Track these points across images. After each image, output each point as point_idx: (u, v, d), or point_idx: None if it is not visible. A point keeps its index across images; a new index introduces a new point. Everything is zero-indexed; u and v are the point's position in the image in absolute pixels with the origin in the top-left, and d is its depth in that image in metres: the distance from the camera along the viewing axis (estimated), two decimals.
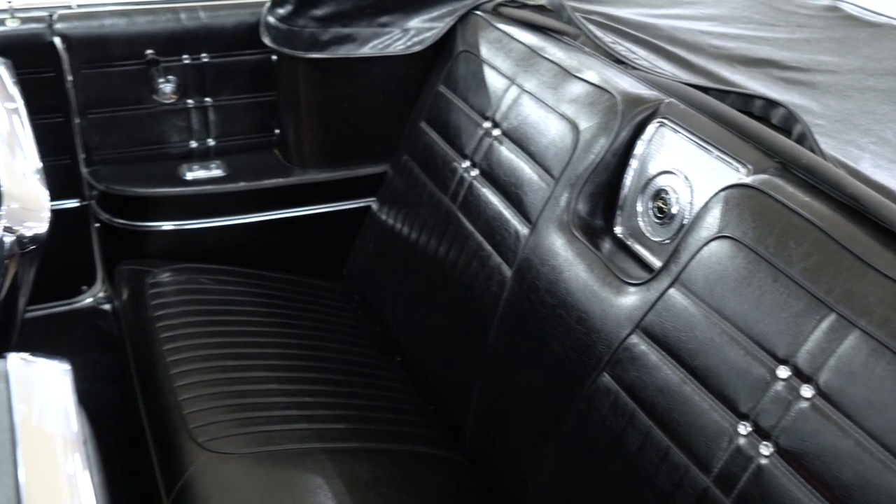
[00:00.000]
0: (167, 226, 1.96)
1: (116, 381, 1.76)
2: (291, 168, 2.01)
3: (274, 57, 1.94)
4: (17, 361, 0.81)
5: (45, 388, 0.80)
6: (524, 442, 1.44)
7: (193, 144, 2.00)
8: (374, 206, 1.98)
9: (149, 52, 1.84)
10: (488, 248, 1.57)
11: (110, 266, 2.07)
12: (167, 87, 1.88)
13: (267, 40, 1.88)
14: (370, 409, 1.60)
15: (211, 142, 2.01)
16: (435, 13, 1.90)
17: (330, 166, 2.01)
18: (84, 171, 1.93)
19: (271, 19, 1.87)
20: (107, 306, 2.13)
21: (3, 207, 1.10)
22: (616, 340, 1.27)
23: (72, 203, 1.95)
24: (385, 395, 1.68)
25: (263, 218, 1.98)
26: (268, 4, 1.89)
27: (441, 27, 1.88)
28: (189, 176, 1.94)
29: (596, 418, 1.28)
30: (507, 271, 1.51)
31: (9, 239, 1.11)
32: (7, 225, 1.10)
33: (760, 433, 1.07)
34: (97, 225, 2.00)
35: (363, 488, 1.38)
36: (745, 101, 1.42)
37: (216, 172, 1.96)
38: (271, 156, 2.05)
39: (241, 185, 1.94)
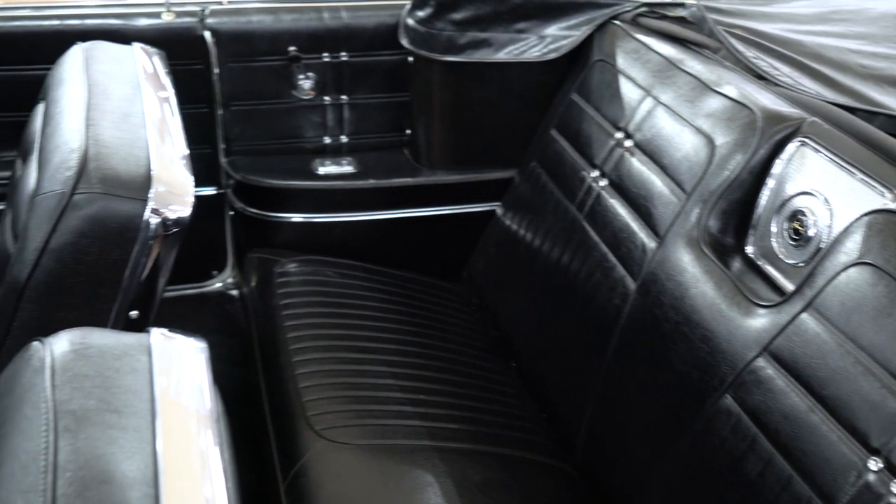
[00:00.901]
0: (297, 217, 2.02)
1: (239, 364, 1.82)
2: (420, 168, 2.04)
3: (410, 58, 1.97)
4: (158, 336, 0.85)
5: (183, 364, 0.83)
6: (638, 458, 1.41)
7: (327, 140, 2.05)
8: (499, 211, 1.99)
9: (291, 48, 1.90)
10: (613, 259, 1.55)
11: (240, 253, 2.14)
12: (306, 83, 1.94)
13: (405, 42, 1.91)
14: (483, 412, 1.61)
15: (344, 138, 2.06)
16: (572, 21, 1.89)
17: (458, 169, 2.03)
18: (223, 160, 2.01)
19: (410, 21, 1.91)
20: (234, 292, 2.21)
21: (151, 190, 1.16)
22: (741, 362, 1.24)
23: (209, 191, 2.03)
24: (498, 400, 1.68)
25: (389, 216, 2.02)
26: (408, 7, 1.93)
27: (578, 35, 1.87)
28: (321, 170, 1.99)
29: (715, 440, 1.25)
30: (632, 284, 1.49)
31: (154, 221, 1.16)
32: (154, 207, 1.15)
33: (893, 471, 1.02)
34: (231, 213, 2.08)
35: (472, 490, 1.39)
36: (894, 124, 1.36)
37: (347, 169, 2.01)
38: (401, 155, 2.09)
39: (371, 182, 1.98)
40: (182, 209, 1.19)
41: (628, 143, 1.62)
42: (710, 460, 1.25)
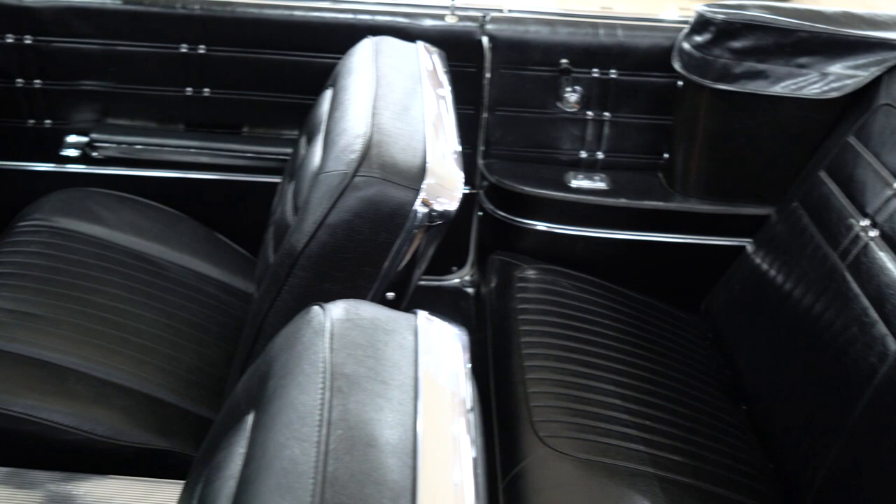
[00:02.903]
0: (542, 226, 2.04)
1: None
2: (673, 194, 2.01)
3: (680, 82, 1.95)
4: (424, 318, 0.90)
5: (443, 348, 0.87)
6: None
7: (583, 154, 2.07)
8: (749, 248, 1.92)
9: (563, 61, 1.94)
10: (874, 315, 1.46)
11: (481, 253, 2.21)
12: (572, 96, 1.97)
13: (677, 65, 1.89)
14: (708, 450, 1.56)
15: (600, 155, 2.07)
16: (860, 61, 1.79)
17: (712, 199, 1.98)
18: (480, 162, 2.08)
19: (686, 45, 1.88)
20: (470, 289, 2.28)
21: (424, 182, 1.22)
22: None
23: (464, 190, 2.10)
24: (724, 440, 1.63)
25: (634, 237, 2.01)
26: (685, 30, 1.90)
27: (864, 76, 1.77)
28: (573, 183, 2.01)
29: None
30: (893, 345, 1.39)
31: (422, 211, 1.22)
32: (425, 198, 1.21)
33: None
34: (480, 213, 2.14)
35: None
36: None
37: (599, 185, 2.02)
38: (655, 178, 2.07)
39: (622, 201, 1.98)
40: (449, 203, 1.24)
41: None
42: None
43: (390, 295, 1.29)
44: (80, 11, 1.91)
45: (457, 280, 2.29)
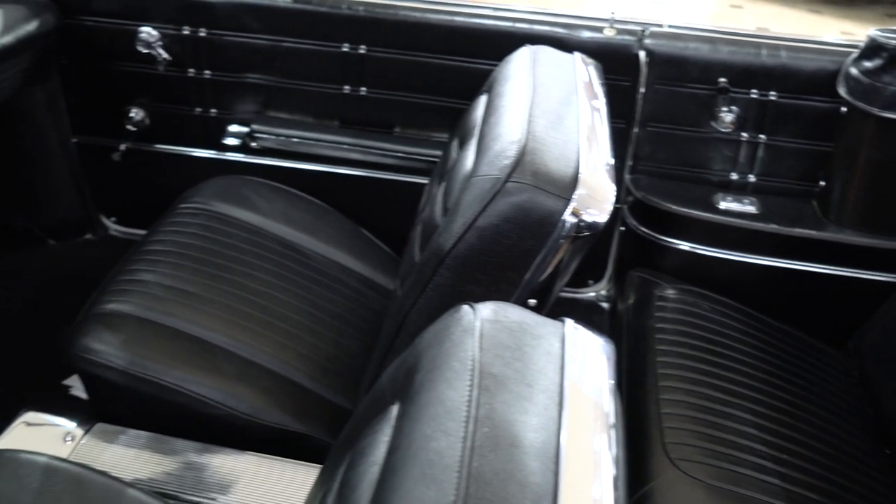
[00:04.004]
0: (685, 246, 2.01)
1: None
2: (826, 223, 1.93)
3: (843, 108, 1.88)
4: (571, 327, 0.90)
5: (589, 359, 0.87)
6: None
7: (734, 176, 2.02)
8: None
9: (722, 80, 1.90)
10: None
11: (620, 268, 2.18)
12: (728, 116, 1.92)
13: (843, 91, 1.83)
14: (849, 492, 1.50)
15: (752, 178, 2.01)
16: None
17: (869, 231, 1.90)
18: (627, 176, 2.06)
19: (854, 70, 1.81)
20: (605, 304, 2.26)
21: (576, 192, 1.22)
22: None
23: None
24: (866, 484, 1.56)
25: (782, 265, 1.94)
26: (854, 55, 1.83)
27: None
28: (722, 205, 1.97)
29: None
30: None
31: (571, 221, 1.22)
32: (575, 208, 1.21)
33: None
34: (622, 228, 2.12)
35: None
36: None
37: (749, 208, 1.96)
38: (808, 206, 2.00)
39: (772, 227, 1.92)
40: (599, 215, 1.23)
41: None
42: None
43: (532, 302, 1.29)
44: (252, 8, 2.01)
45: (592, 294, 2.27)
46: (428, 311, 1.31)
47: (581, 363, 0.86)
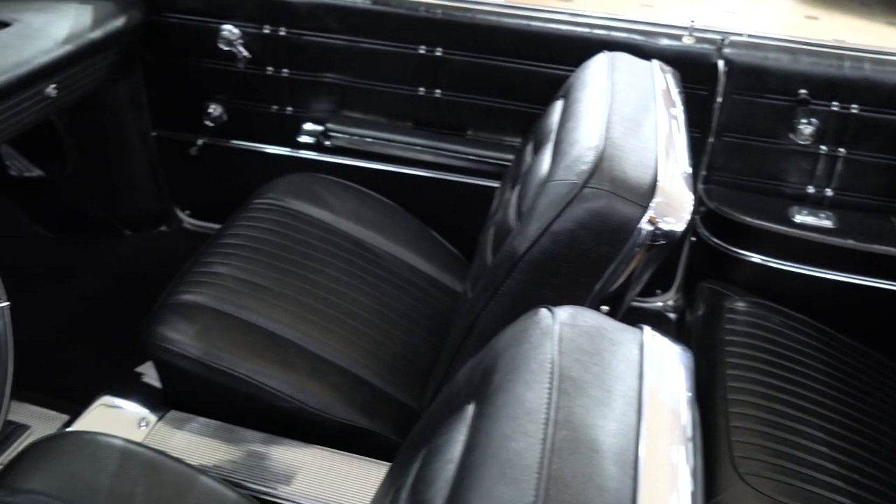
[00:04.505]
0: (757, 258, 1.98)
1: None
2: None
3: None
4: (649, 333, 0.90)
5: (667, 368, 0.87)
6: None
7: (810, 190, 1.98)
8: None
9: (802, 91, 1.86)
10: None
11: (689, 279, 2.16)
12: (807, 128, 1.89)
13: None
14: None
15: (829, 192, 1.97)
16: None
17: None
18: (699, 186, 2.03)
19: None
20: (672, 315, 2.23)
21: (653, 200, 1.21)
22: None
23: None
24: None
25: (859, 282, 1.90)
26: None
27: None
28: (797, 218, 1.93)
29: None
30: None
31: (647, 229, 1.21)
32: (652, 216, 1.21)
33: None
34: (693, 239, 2.10)
35: None
36: None
37: (825, 223, 1.93)
38: (887, 222, 1.95)
39: (849, 242, 1.88)
40: (676, 224, 1.22)
41: None
42: None
43: (605, 309, 1.29)
44: (332, 8, 2.04)
45: (660, 303, 2.25)
46: (499, 314, 1.32)
47: (659, 371, 0.85)
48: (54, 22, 1.85)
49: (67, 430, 1.65)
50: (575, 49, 1.89)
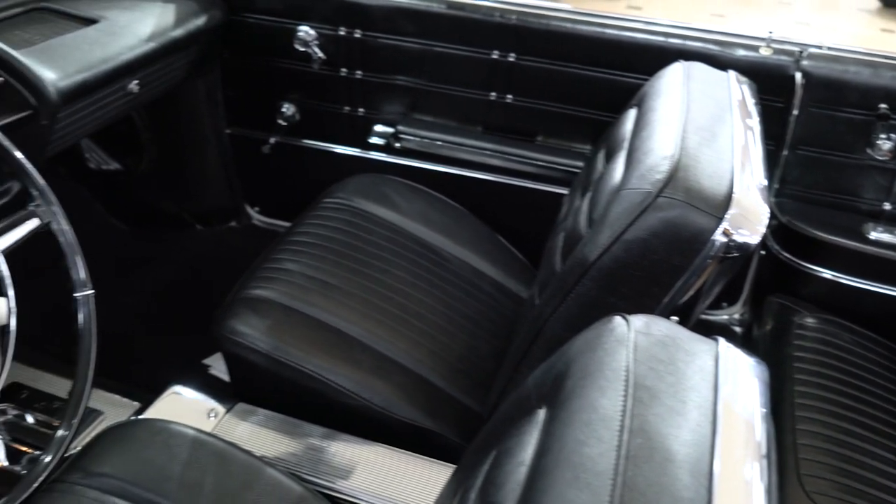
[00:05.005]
0: (828, 274, 1.94)
1: None
2: None
3: None
4: (724, 345, 0.89)
5: (740, 380, 0.86)
6: None
7: (887, 206, 1.94)
8: None
9: (882, 106, 1.83)
10: None
11: (756, 293, 2.13)
12: (886, 144, 1.85)
13: None
14: None
15: None
16: None
17: None
18: (771, 199, 2.00)
19: None
20: (738, 328, 2.20)
21: (728, 212, 1.20)
22: None
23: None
24: None
25: None
26: None
27: None
28: (872, 235, 1.89)
29: None
30: None
31: (721, 240, 1.20)
32: (726, 228, 1.20)
33: None
34: (762, 252, 2.07)
35: None
36: None
37: None
38: None
39: None
40: (750, 236, 1.21)
41: None
42: None
43: (674, 319, 1.28)
44: (407, 12, 2.06)
45: (725, 316, 2.22)
46: (567, 321, 1.32)
47: (734, 384, 0.85)
48: (139, 20, 1.90)
49: (140, 417, 1.69)
50: (649, 57, 1.88)
